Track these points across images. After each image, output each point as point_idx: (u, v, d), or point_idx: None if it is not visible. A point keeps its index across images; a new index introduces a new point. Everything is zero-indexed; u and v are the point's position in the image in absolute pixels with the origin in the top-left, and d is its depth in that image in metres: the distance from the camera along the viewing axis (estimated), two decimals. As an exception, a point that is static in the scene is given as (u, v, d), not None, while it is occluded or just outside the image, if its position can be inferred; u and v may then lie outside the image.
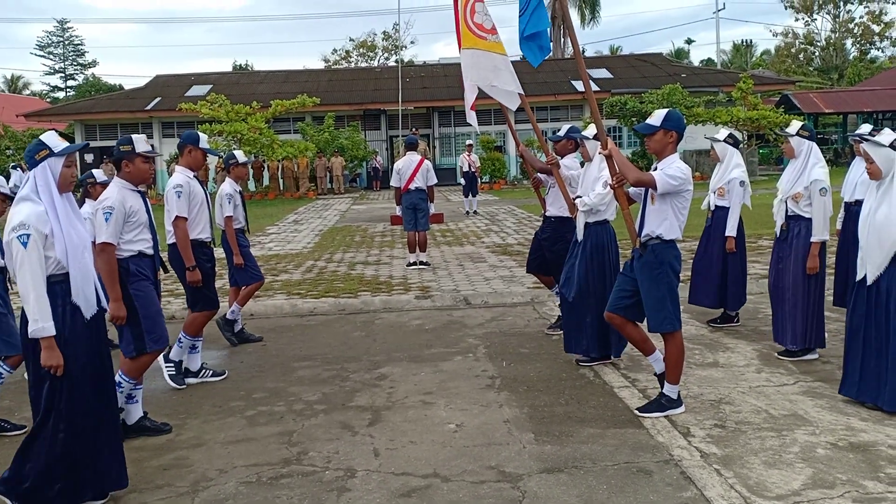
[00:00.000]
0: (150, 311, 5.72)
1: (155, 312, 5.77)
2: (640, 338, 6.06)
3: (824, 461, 4.86)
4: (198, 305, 7.10)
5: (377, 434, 5.68)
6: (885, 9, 60.27)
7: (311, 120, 38.80)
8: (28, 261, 4.31)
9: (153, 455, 5.47)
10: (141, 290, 5.71)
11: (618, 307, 6.00)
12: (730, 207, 8.20)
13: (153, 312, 5.74)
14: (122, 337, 5.77)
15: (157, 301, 5.88)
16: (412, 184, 12.82)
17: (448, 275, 12.12)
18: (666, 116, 5.76)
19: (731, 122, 31.40)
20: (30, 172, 4.52)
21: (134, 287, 5.68)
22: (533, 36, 6.76)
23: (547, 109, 40.32)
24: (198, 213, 7.05)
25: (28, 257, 4.31)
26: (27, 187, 4.49)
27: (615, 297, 6.05)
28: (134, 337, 5.68)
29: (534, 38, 6.76)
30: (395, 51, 63.74)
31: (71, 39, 75.79)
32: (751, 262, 11.49)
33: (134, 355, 5.68)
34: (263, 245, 16.78)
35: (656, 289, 5.76)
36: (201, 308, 7.11)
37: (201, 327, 7.18)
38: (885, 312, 5.62)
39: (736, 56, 76.39)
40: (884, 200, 5.58)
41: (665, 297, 5.75)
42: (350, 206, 27.96)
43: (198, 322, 7.12)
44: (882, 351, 5.63)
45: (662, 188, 5.63)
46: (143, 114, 39.97)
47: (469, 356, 7.71)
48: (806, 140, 7.05)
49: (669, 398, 5.84)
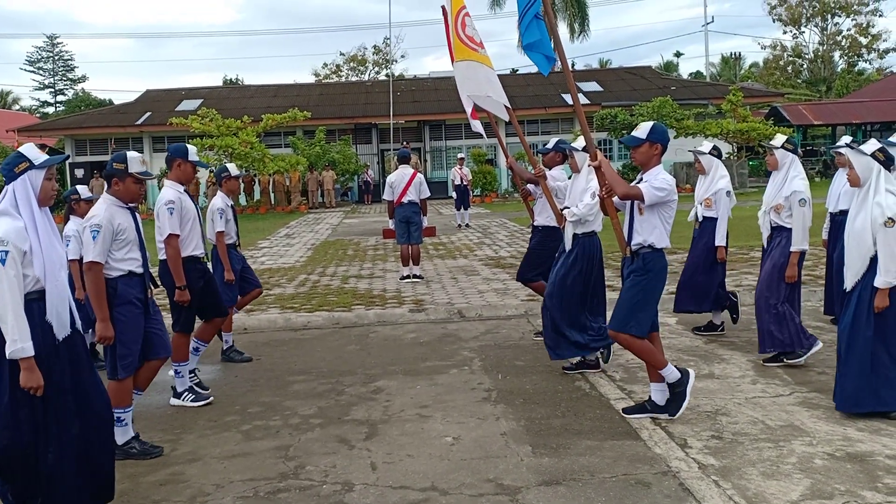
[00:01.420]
0: (127, 337, 5.57)
1: (131, 339, 5.60)
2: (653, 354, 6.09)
3: (822, 472, 4.86)
4: (177, 325, 6.89)
5: (374, 448, 5.66)
6: (873, 21, 60.83)
7: (303, 134, 38.78)
8: (6, 278, 4.11)
9: (149, 471, 5.44)
10: (123, 315, 5.57)
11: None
12: (717, 218, 8.30)
13: (129, 339, 5.59)
14: (105, 359, 5.70)
15: (140, 326, 5.69)
16: (405, 197, 12.83)
17: (441, 288, 12.12)
18: (651, 129, 5.92)
19: (721, 134, 31.59)
20: (8, 186, 4.33)
21: (118, 310, 5.55)
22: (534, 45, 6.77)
23: (537, 122, 40.44)
24: (190, 229, 6.91)
25: (6, 275, 4.11)
26: (6, 201, 4.29)
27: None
28: (109, 360, 5.61)
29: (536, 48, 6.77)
30: (386, 65, 63.88)
31: (61, 54, 75.65)
32: (743, 273, 11.55)
33: (109, 378, 5.57)
34: (256, 259, 16.75)
35: (635, 292, 5.87)
36: (179, 329, 6.90)
37: (186, 350, 6.99)
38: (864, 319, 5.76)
39: (725, 68, 76.79)
40: (862, 208, 5.78)
41: (641, 302, 5.84)
42: (342, 220, 27.95)
43: (181, 345, 6.90)
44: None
45: (650, 200, 5.75)
46: (134, 128, 39.88)
47: (464, 369, 7.71)
48: (790, 153, 7.30)
49: (653, 402, 5.97)
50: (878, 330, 5.71)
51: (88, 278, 5.52)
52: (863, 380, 5.70)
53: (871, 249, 5.67)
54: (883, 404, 5.70)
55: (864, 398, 5.71)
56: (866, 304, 5.73)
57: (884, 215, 5.58)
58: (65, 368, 4.42)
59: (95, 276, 5.50)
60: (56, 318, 4.36)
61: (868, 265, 5.72)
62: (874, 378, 5.69)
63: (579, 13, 49.77)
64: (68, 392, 4.43)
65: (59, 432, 4.38)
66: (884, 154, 5.75)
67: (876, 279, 5.65)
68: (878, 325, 5.71)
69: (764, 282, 7.27)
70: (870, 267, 5.71)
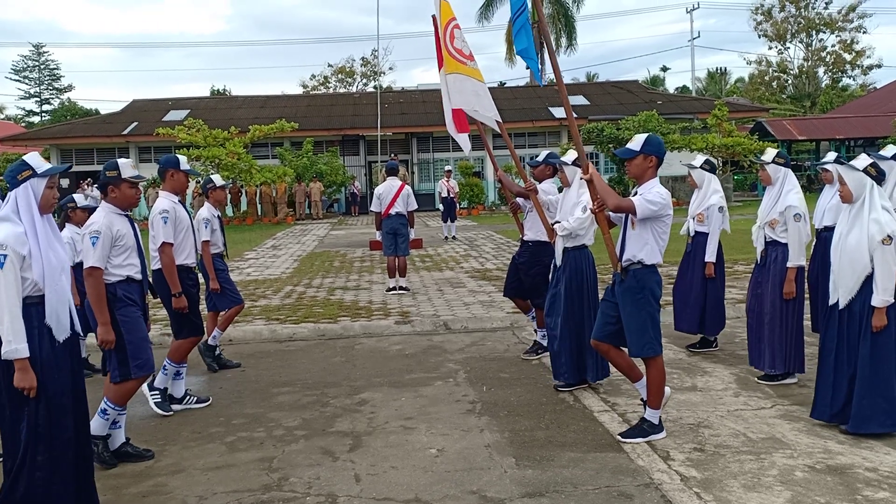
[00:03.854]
0: (136, 336, 5.69)
1: (140, 338, 5.73)
2: (627, 364, 6.08)
3: (802, 484, 4.90)
4: (183, 332, 7.04)
5: (358, 459, 5.66)
6: (857, 38, 61.46)
7: (290, 145, 38.79)
8: (3, 281, 4.28)
9: (132, 482, 5.43)
10: (127, 316, 5.68)
11: (604, 334, 6.02)
12: (709, 233, 8.28)
13: (138, 338, 5.71)
14: (108, 362, 5.74)
15: (144, 327, 5.84)
16: (392, 209, 12.87)
17: (428, 300, 12.13)
18: (646, 141, 5.78)
19: (707, 148, 31.75)
20: (11, 193, 4.50)
21: (120, 312, 5.65)
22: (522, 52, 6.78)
23: (525, 136, 40.60)
24: (184, 238, 7.02)
25: (3, 278, 4.28)
26: (7, 207, 4.47)
27: (600, 323, 6.06)
28: (119, 362, 5.65)
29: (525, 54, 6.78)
30: (374, 77, 64.00)
31: (47, 63, 75.49)
32: (728, 286, 11.60)
33: (119, 381, 5.65)
34: (242, 270, 16.72)
35: (638, 314, 5.78)
36: (187, 335, 7.05)
37: (186, 354, 7.14)
38: (856, 336, 5.71)
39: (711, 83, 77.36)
40: (855, 224, 5.68)
41: (646, 321, 5.77)
42: (329, 232, 27.93)
43: (183, 349, 7.08)
44: (853, 374, 5.72)
45: (642, 213, 5.66)
46: (120, 138, 39.81)
47: (449, 381, 7.72)
48: (781, 167, 7.18)
49: (651, 423, 5.86)
50: (874, 348, 5.63)
51: (89, 283, 5.62)
52: (868, 401, 5.63)
53: (868, 267, 5.57)
54: (890, 425, 5.65)
55: (873, 420, 5.64)
56: (862, 322, 5.65)
57: (882, 232, 5.50)
58: (63, 370, 4.54)
59: (96, 281, 5.61)
60: (56, 321, 4.49)
61: (863, 283, 5.62)
62: (876, 400, 5.63)
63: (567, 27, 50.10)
64: (67, 394, 4.54)
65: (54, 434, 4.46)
66: (875, 169, 5.68)
67: (873, 298, 5.56)
68: (874, 343, 5.64)
69: (769, 303, 7.13)
70: (864, 285, 5.62)
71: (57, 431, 4.47)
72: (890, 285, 5.54)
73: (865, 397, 5.65)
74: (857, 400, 5.67)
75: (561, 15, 49.66)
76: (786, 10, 61.63)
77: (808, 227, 7.08)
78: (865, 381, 5.64)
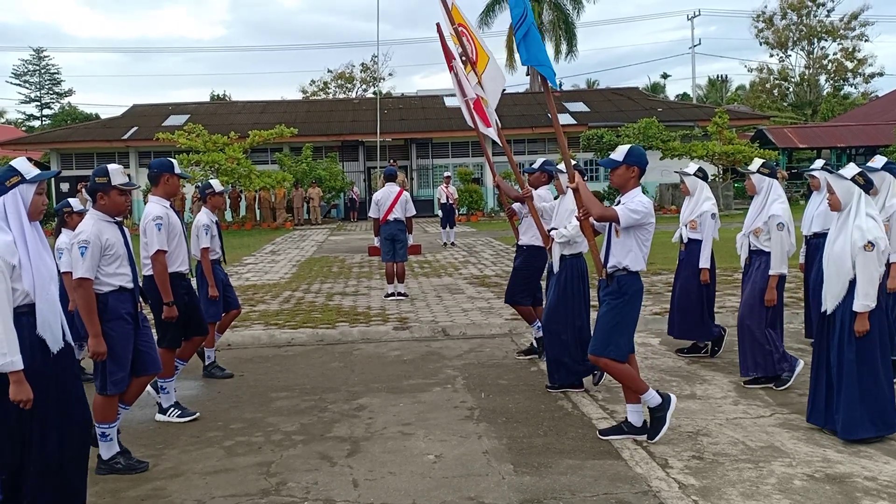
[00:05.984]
0: (117, 354, 5.55)
1: (122, 356, 5.58)
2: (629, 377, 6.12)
3: (801, 493, 4.90)
4: (163, 341, 6.86)
5: (356, 465, 5.66)
6: (859, 46, 61.56)
7: (289, 151, 38.73)
8: None
9: (130, 486, 5.41)
10: (113, 330, 5.54)
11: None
12: (702, 240, 8.31)
13: (120, 356, 5.57)
14: (94, 373, 5.68)
15: (130, 344, 5.66)
16: (391, 215, 12.85)
17: (426, 306, 12.13)
18: (628, 152, 5.95)
19: (707, 156, 31.79)
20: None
21: (107, 325, 5.52)
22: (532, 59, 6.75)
23: (524, 142, 40.61)
24: (176, 244, 6.91)
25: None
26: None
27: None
28: (99, 376, 5.58)
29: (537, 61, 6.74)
30: (374, 82, 64.10)
31: (47, 68, 75.41)
32: (726, 295, 11.60)
33: (97, 392, 5.56)
34: (241, 275, 16.71)
35: (612, 316, 5.92)
36: (167, 345, 6.88)
37: (172, 366, 6.97)
38: (843, 342, 5.80)
39: (711, 91, 77.43)
40: (841, 232, 5.82)
41: (618, 325, 5.89)
42: (327, 237, 27.93)
43: (168, 362, 6.83)
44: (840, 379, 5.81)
45: (625, 222, 5.80)
46: (120, 143, 39.80)
47: (448, 387, 7.71)
48: (766, 177, 7.31)
49: (630, 424, 6.01)
50: (860, 353, 5.72)
51: (79, 294, 5.48)
52: (856, 406, 5.69)
53: (851, 273, 5.69)
54: (879, 429, 5.72)
55: (861, 425, 5.70)
56: (847, 327, 5.76)
57: (864, 238, 5.62)
58: (52, 382, 4.40)
59: (86, 291, 5.47)
60: (49, 332, 4.35)
61: (847, 289, 5.74)
62: (864, 405, 5.69)
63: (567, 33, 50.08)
64: (52, 404, 4.39)
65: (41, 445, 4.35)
66: (863, 178, 5.81)
67: (854, 303, 5.67)
68: (859, 348, 5.72)
69: (746, 306, 7.32)
70: (849, 290, 5.74)
71: (50, 445, 4.35)
72: (872, 291, 5.65)
73: (853, 403, 5.72)
74: (846, 406, 5.75)
75: (561, 21, 49.63)
76: (787, 17, 61.80)
77: (792, 237, 7.23)
78: (853, 387, 5.72)
